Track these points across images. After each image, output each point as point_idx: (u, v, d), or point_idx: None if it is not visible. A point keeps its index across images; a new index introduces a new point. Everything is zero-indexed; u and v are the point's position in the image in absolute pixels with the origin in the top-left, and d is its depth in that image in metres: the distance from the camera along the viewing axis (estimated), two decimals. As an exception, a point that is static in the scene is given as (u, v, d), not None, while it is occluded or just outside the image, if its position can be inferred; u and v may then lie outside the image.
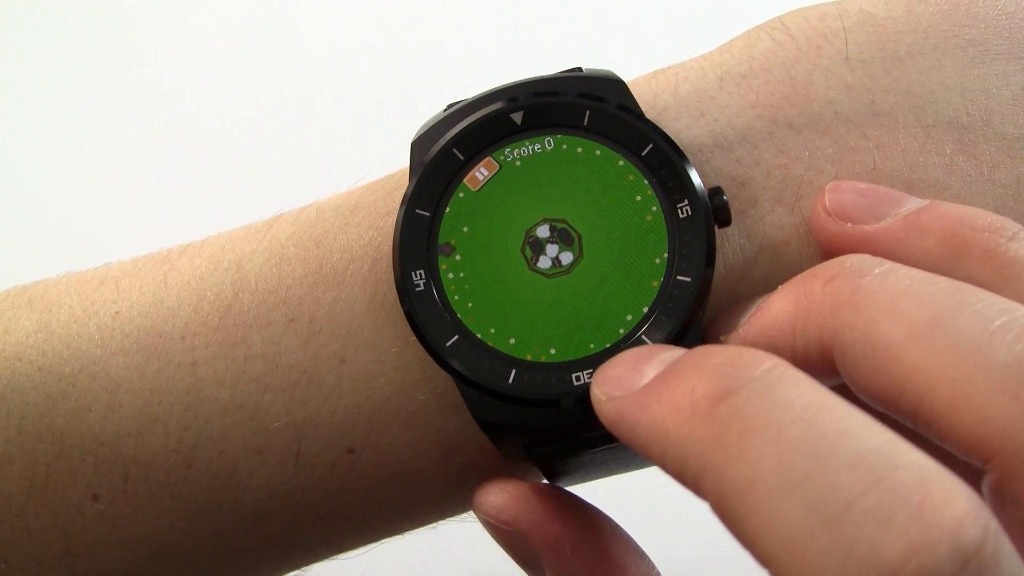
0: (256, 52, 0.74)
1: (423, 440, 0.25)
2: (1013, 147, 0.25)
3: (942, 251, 0.22)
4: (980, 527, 0.16)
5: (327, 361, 0.25)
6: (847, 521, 0.16)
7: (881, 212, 0.24)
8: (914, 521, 0.16)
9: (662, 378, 0.20)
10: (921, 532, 0.16)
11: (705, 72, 0.27)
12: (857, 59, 0.26)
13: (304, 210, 0.28)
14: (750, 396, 0.18)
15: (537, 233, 0.24)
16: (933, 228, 0.22)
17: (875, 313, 0.20)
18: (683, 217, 0.24)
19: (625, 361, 0.21)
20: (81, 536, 0.26)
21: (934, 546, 0.16)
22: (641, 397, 0.20)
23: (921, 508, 0.16)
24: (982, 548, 0.16)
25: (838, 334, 0.20)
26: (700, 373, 0.19)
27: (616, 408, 0.21)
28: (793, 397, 0.18)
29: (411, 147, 0.26)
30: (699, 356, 0.20)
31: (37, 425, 0.26)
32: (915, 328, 0.19)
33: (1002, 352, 0.18)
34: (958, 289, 0.19)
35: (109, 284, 0.27)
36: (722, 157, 0.25)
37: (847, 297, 0.20)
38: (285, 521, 0.26)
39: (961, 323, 0.19)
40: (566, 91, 0.25)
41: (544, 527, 0.24)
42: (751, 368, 0.19)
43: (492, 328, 0.24)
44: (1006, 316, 0.18)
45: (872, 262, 0.21)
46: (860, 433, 0.17)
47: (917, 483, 0.16)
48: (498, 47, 0.71)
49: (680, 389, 0.19)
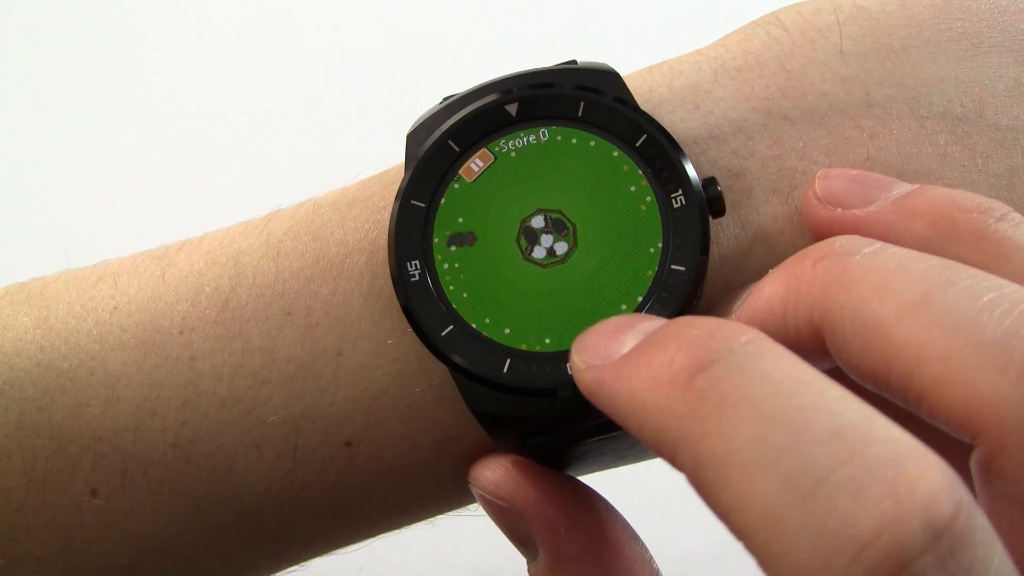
0: (252, 49, 0.74)
1: (420, 433, 0.26)
2: (1006, 138, 0.25)
3: (931, 233, 0.22)
4: (953, 501, 0.16)
5: (324, 354, 0.25)
6: (821, 495, 0.16)
7: (871, 197, 0.24)
8: (887, 495, 0.16)
9: (641, 348, 0.20)
10: (894, 505, 0.16)
11: (700, 66, 0.27)
12: (851, 52, 0.26)
13: (301, 205, 0.28)
14: (727, 369, 0.18)
15: (532, 223, 0.24)
16: (922, 211, 0.23)
17: (864, 291, 0.20)
18: (677, 207, 0.24)
19: (605, 329, 0.21)
20: (79, 531, 0.26)
21: (906, 519, 0.16)
22: (620, 367, 0.20)
23: (894, 482, 0.16)
24: (954, 521, 0.16)
25: (828, 313, 0.20)
26: (679, 344, 0.19)
27: (595, 377, 0.20)
28: (771, 370, 0.18)
29: (407, 139, 0.26)
30: (678, 327, 0.20)
31: (36, 420, 0.26)
32: (904, 305, 0.19)
33: (990, 328, 0.18)
34: (947, 267, 0.20)
35: (107, 280, 0.27)
36: (717, 149, 0.26)
37: (836, 276, 0.20)
38: (283, 515, 0.26)
39: (950, 299, 0.19)
40: (561, 83, 0.25)
41: (539, 504, 0.24)
42: (730, 340, 0.19)
43: (487, 318, 0.24)
44: (994, 292, 0.19)
45: (862, 242, 0.21)
46: (837, 408, 0.17)
47: (892, 458, 0.16)
48: (494, 42, 0.72)
49: (659, 360, 0.19)
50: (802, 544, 0.16)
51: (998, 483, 0.18)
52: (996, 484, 0.18)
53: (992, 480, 0.18)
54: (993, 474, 0.18)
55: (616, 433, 0.24)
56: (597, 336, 0.21)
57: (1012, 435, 0.17)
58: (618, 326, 0.21)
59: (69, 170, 0.71)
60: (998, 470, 0.18)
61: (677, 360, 0.19)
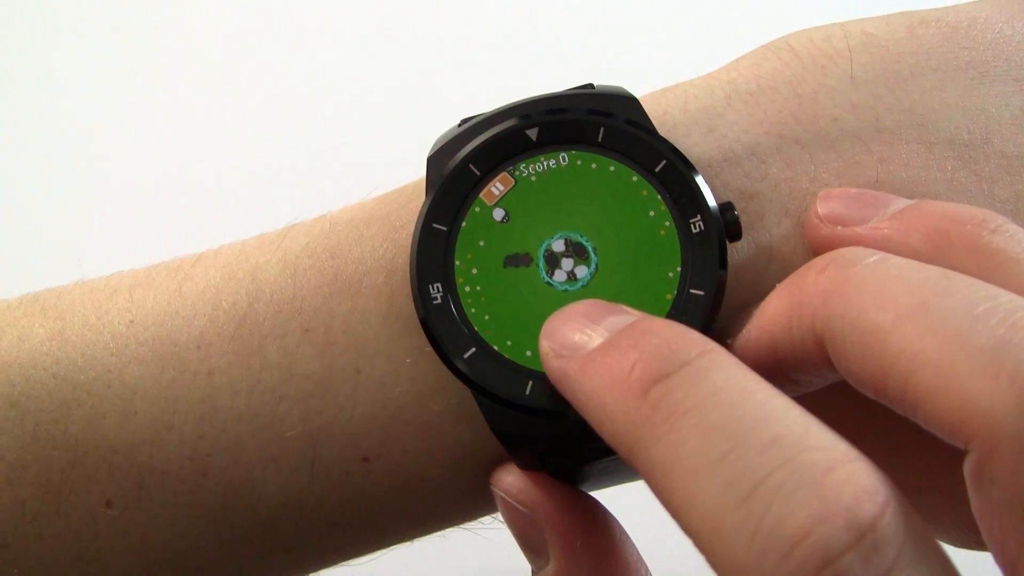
0: (268, 63, 0.75)
1: (437, 449, 0.26)
2: (1012, 164, 0.26)
3: (927, 247, 0.23)
4: (878, 503, 0.17)
5: (342, 371, 0.26)
6: (756, 497, 0.17)
7: (870, 214, 0.24)
8: (814, 497, 0.17)
9: (605, 350, 0.21)
10: (820, 507, 0.17)
11: (713, 90, 0.27)
12: (862, 78, 0.27)
13: (317, 221, 0.28)
14: (680, 381, 0.20)
15: (552, 247, 0.25)
16: (918, 225, 0.23)
17: (863, 300, 0.20)
18: (696, 232, 0.24)
19: (573, 315, 0.23)
20: (94, 542, 0.26)
21: (831, 520, 0.17)
22: (584, 364, 0.21)
23: (823, 485, 0.17)
24: (877, 522, 0.17)
25: (829, 322, 0.21)
26: (639, 352, 0.20)
27: (561, 368, 0.22)
28: (719, 382, 0.19)
29: (427, 162, 0.26)
30: (639, 335, 0.21)
31: (52, 432, 0.26)
32: (901, 313, 0.20)
33: (984, 336, 0.18)
34: (945, 276, 0.20)
35: (123, 293, 0.28)
36: (731, 171, 0.26)
37: (837, 286, 0.21)
38: (298, 529, 0.27)
39: (946, 308, 0.19)
40: (580, 108, 0.25)
41: (560, 515, 0.25)
42: (685, 352, 0.20)
43: (509, 340, 0.24)
44: (990, 302, 0.19)
45: (864, 252, 0.22)
46: (777, 417, 0.18)
47: (822, 463, 0.18)
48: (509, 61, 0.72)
49: (619, 366, 0.21)
50: (739, 543, 0.17)
51: (989, 487, 0.18)
52: (987, 488, 0.18)
53: (983, 484, 0.18)
54: (984, 479, 0.18)
55: None
56: (566, 324, 0.23)
57: (1002, 441, 0.18)
58: (586, 315, 0.23)
59: (82, 180, 0.71)
60: (989, 475, 0.18)
61: (636, 369, 0.20)
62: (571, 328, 0.22)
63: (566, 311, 0.23)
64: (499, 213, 0.25)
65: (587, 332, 0.22)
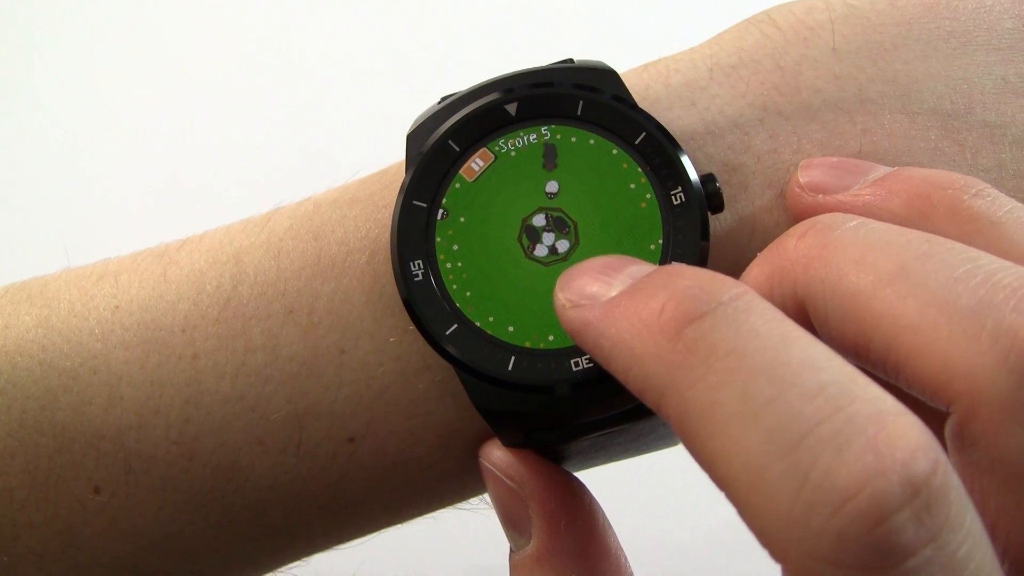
0: (251, 48, 0.75)
1: (423, 428, 0.26)
2: (995, 134, 0.26)
3: (909, 212, 0.23)
4: (931, 460, 0.16)
5: (326, 352, 0.26)
6: (804, 448, 0.17)
7: (851, 182, 0.24)
8: (868, 450, 0.16)
9: (630, 294, 0.20)
10: (875, 461, 0.16)
11: (695, 63, 0.27)
12: (844, 50, 0.27)
13: (301, 204, 0.28)
14: (717, 321, 0.19)
15: (533, 222, 0.25)
16: (899, 190, 0.23)
17: (844, 264, 0.20)
18: (677, 204, 0.24)
19: (591, 268, 0.22)
20: (83, 529, 0.26)
21: (886, 474, 0.16)
22: (608, 310, 0.20)
23: (876, 438, 0.16)
24: (931, 479, 0.16)
25: (810, 287, 0.21)
26: (669, 294, 0.19)
27: (580, 316, 0.21)
28: (759, 325, 0.18)
29: (407, 140, 0.26)
30: (668, 276, 0.20)
31: (38, 419, 0.26)
32: (882, 277, 0.19)
33: (964, 298, 0.18)
34: (925, 239, 0.20)
35: (108, 279, 0.28)
36: (713, 144, 0.26)
37: (818, 251, 0.21)
38: (286, 511, 0.27)
39: (926, 271, 0.19)
40: (560, 82, 0.25)
41: (546, 492, 0.25)
42: (719, 293, 0.19)
43: (491, 316, 0.24)
44: (970, 264, 0.19)
45: (843, 218, 0.22)
46: (822, 364, 0.18)
47: (874, 415, 0.17)
48: (489, 41, 0.72)
49: (648, 308, 0.19)
50: (784, 496, 0.16)
51: (970, 450, 0.18)
52: (968, 451, 0.18)
53: (965, 447, 0.18)
54: (966, 441, 0.18)
55: (620, 428, 0.24)
56: (583, 275, 0.22)
57: (983, 403, 0.18)
58: (605, 266, 0.22)
59: (68, 169, 0.71)
60: (970, 437, 0.18)
61: (668, 310, 0.19)
62: (589, 279, 0.21)
63: (581, 264, 0.22)
64: (479, 188, 0.25)
65: (607, 281, 0.21)
